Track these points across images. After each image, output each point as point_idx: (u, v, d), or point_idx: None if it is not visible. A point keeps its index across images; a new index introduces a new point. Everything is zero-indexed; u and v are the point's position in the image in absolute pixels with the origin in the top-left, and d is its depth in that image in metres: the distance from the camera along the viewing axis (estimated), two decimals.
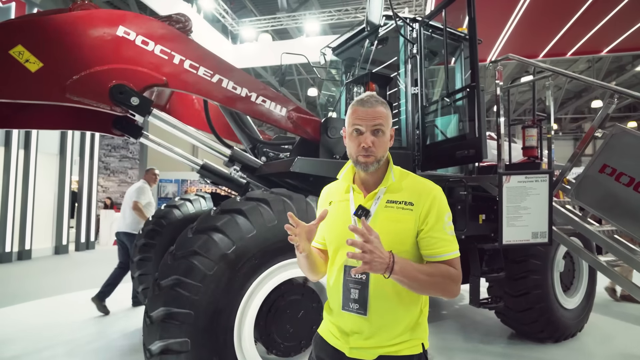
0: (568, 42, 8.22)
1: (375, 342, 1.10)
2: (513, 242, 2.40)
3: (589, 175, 2.31)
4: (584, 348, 3.49)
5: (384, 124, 1.11)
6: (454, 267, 1.08)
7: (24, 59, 2.08)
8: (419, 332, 1.13)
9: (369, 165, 1.11)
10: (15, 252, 7.66)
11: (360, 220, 1.08)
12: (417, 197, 1.11)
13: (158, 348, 1.73)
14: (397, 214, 1.10)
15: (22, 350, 3.30)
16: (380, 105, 1.12)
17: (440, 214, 1.09)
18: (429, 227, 1.08)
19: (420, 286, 1.04)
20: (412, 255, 1.11)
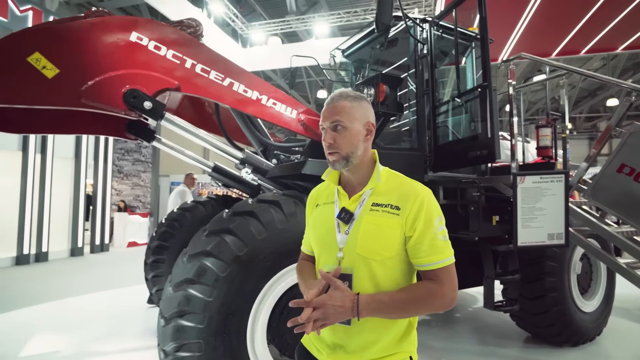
0: (582, 40, 8.06)
1: (360, 356, 1.03)
2: (528, 244, 2.35)
3: (606, 174, 2.26)
4: (603, 352, 3.40)
5: (342, 119, 1.05)
6: (443, 276, 1.01)
7: (41, 66, 2.13)
8: (406, 344, 1.06)
9: (335, 164, 1.07)
10: (33, 254, 7.83)
11: (342, 223, 1.06)
12: (404, 201, 1.03)
13: (172, 349, 1.75)
14: (382, 218, 1.03)
15: (40, 350, 3.36)
16: (342, 100, 1.07)
17: (430, 219, 1.02)
18: (418, 234, 1.01)
19: (400, 315, 1.01)
20: (401, 262, 1.05)
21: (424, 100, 3.46)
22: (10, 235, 7.49)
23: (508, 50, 8.23)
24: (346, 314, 0.93)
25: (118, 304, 4.90)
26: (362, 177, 1.11)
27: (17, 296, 5.24)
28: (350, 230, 1.05)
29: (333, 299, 0.93)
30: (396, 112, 2.59)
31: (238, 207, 2.10)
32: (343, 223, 1.07)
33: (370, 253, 1.02)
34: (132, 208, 11.99)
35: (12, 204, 7.53)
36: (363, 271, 1.03)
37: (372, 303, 0.95)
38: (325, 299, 0.93)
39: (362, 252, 1.03)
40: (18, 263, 7.52)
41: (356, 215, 1.06)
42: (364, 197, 1.08)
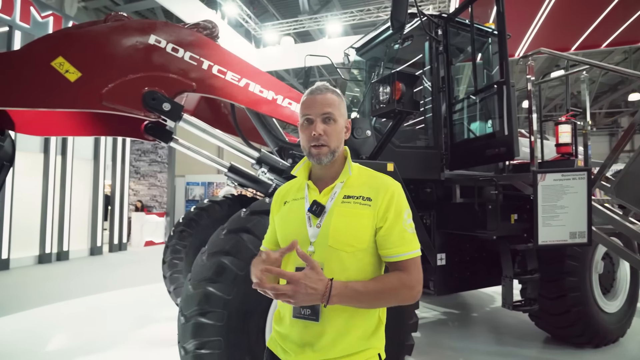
0: (603, 33, 7.82)
1: (328, 354, 1.01)
2: (549, 243, 2.31)
3: (631, 172, 2.20)
4: (627, 354, 3.31)
5: (334, 112, 1.06)
6: (411, 268, 1.02)
7: (64, 70, 2.19)
8: (374, 340, 1.06)
9: (322, 157, 1.05)
10: (54, 253, 8.06)
11: (314, 217, 1.05)
12: (376, 193, 1.06)
13: (193, 346, 1.78)
14: (354, 209, 1.04)
15: (63, 345, 3.46)
16: (330, 93, 1.08)
17: (399, 211, 1.05)
18: (388, 225, 1.03)
19: (370, 304, 1.01)
20: (371, 254, 1.06)
21: (440, 97, 3.42)
22: (33, 235, 7.72)
23: (525, 45, 8.05)
24: (316, 297, 0.91)
25: (137, 302, 5.01)
26: (336, 172, 1.11)
27: (41, 294, 5.41)
28: (322, 223, 1.05)
29: (308, 279, 0.90)
30: (412, 110, 2.57)
31: (255, 206, 2.12)
32: (314, 216, 1.06)
33: (342, 245, 1.02)
34: (149, 208, 12.21)
35: (35, 204, 7.76)
36: (334, 264, 1.02)
37: (344, 290, 0.94)
38: (301, 276, 0.90)
39: (334, 244, 1.02)
40: (40, 262, 7.76)
41: (328, 207, 1.06)
42: (336, 190, 1.08)
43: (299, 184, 1.17)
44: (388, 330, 2.24)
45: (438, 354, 3.32)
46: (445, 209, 3.44)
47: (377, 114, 2.70)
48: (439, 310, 4.65)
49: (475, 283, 3.74)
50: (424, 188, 3.65)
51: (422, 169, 3.35)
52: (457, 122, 3.40)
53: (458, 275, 3.52)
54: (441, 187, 3.54)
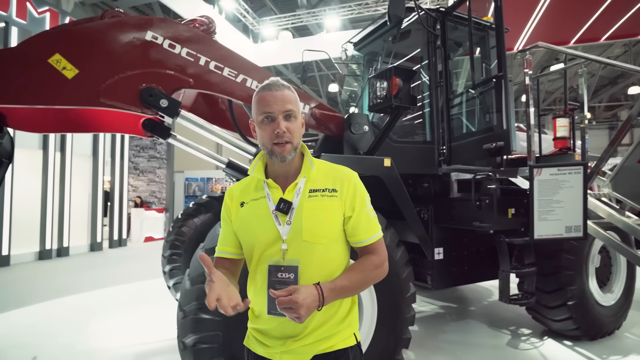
0: (602, 26, 7.79)
1: (307, 340, 1.04)
2: (545, 237, 2.32)
3: (627, 166, 2.21)
4: (622, 346, 3.35)
5: (294, 109, 1.06)
6: (379, 248, 1.11)
7: (61, 67, 2.19)
8: (349, 320, 1.11)
9: (285, 154, 1.04)
10: (55, 249, 8.09)
11: (281, 214, 1.05)
12: (340, 184, 1.09)
13: (192, 341, 1.80)
14: (322, 202, 1.07)
15: (63, 342, 3.49)
16: (287, 90, 1.08)
17: (363, 199, 1.11)
18: (357, 213, 1.09)
19: (355, 292, 1.09)
20: (340, 243, 1.11)
21: (437, 92, 3.43)
22: (33, 231, 7.75)
23: (524, 39, 8.02)
24: (314, 308, 0.94)
25: (137, 297, 5.04)
26: (296, 168, 1.11)
27: (41, 289, 5.44)
28: (292, 220, 1.05)
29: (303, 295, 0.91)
30: (409, 105, 2.57)
31: None
32: (282, 214, 1.06)
33: (317, 237, 1.05)
34: (148, 204, 12.22)
35: (34, 201, 7.77)
36: (310, 258, 1.04)
37: (334, 290, 0.99)
38: (298, 298, 0.90)
39: (308, 239, 1.04)
40: (41, 258, 7.79)
41: (295, 204, 1.06)
42: (300, 186, 1.08)
43: (255, 183, 1.14)
44: (386, 325, 2.28)
45: (435, 347, 3.35)
46: (443, 203, 3.46)
47: (374, 109, 2.71)
48: (437, 304, 4.68)
49: (473, 277, 3.77)
50: (421, 183, 3.67)
51: (419, 164, 3.36)
52: (455, 117, 3.41)
53: (455, 269, 3.55)
54: (439, 182, 3.55)
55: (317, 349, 1.05)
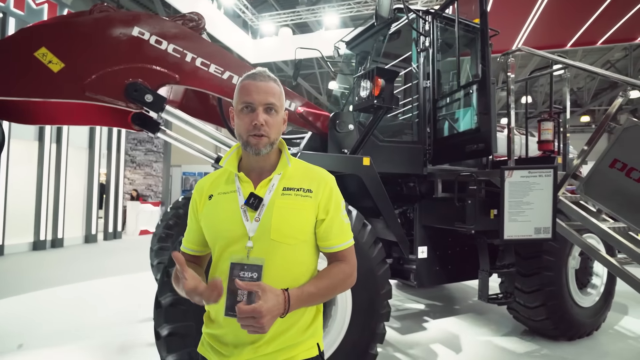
0: (598, 30, 7.82)
1: (266, 349, 0.98)
2: (515, 237, 2.37)
3: (599, 170, 2.25)
4: (599, 347, 3.41)
5: (277, 103, 1.01)
6: (349, 256, 1.08)
7: (47, 60, 2.23)
8: (313, 330, 1.05)
9: (260, 147, 0.99)
10: (49, 240, 8.15)
11: (250, 210, 1.00)
12: (316, 185, 1.05)
13: (166, 331, 1.85)
14: (295, 201, 1.02)
15: (55, 330, 3.55)
16: (273, 82, 1.03)
17: (338, 203, 1.07)
18: (330, 217, 1.05)
19: (323, 300, 1.04)
20: (309, 245, 1.06)
21: (425, 93, 3.46)
22: (28, 222, 7.80)
23: (521, 40, 8.05)
24: (278, 315, 0.90)
25: (129, 288, 5.10)
26: (271, 164, 1.07)
27: (35, 279, 5.50)
28: (262, 217, 0.99)
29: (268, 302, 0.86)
30: (391, 105, 2.61)
31: None
32: (251, 210, 1.00)
33: (285, 237, 1.00)
34: (144, 197, 12.28)
35: (29, 191, 7.83)
36: (275, 258, 0.98)
37: (301, 296, 0.94)
38: (262, 307, 0.84)
39: (276, 238, 0.99)
40: (35, 248, 7.85)
41: (266, 200, 1.01)
42: (274, 182, 1.04)
43: (227, 176, 1.08)
44: (360, 320, 2.33)
45: (414, 343, 3.41)
46: (428, 203, 3.50)
47: (358, 109, 2.75)
48: (423, 302, 4.75)
49: (456, 276, 3.82)
50: (407, 182, 3.71)
51: (405, 163, 3.40)
52: (441, 118, 3.45)
53: (439, 268, 3.61)
54: (424, 182, 3.60)
55: (279, 359, 0.99)
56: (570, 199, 2.58)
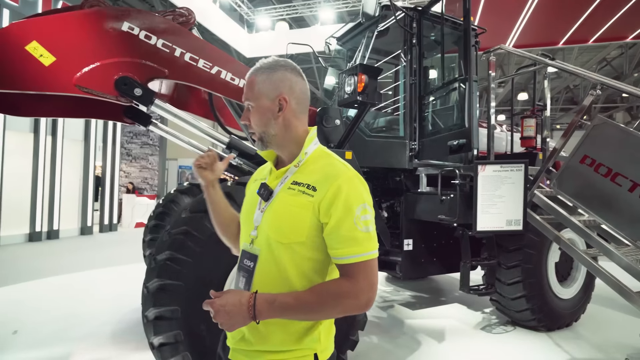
0: (590, 29, 7.90)
1: (254, 346, 0.95)
2: (487, 229, 2.47)
3: (570, 165, 2.34)
4: (576, 337, 3.53)
5: (250, 97, 0.99)
6: (357, 273, 0.89)
7: (39, 54, 2.29)
8: (308, 341, 0.95)
9: (257, 144, 1.02)
10: (45, 231, 8.21)
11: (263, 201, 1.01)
12: (322, 183, 0.92)
13: (153, 315, 1.94)
14: (296, 197, 0.94)
15: (49, 317, 3.64)
16: (253, 74, 0.99)
17: (349, 206, 0.90)
18: (335, 221, 0.90)
19: (308, 317, 0.92)
20: (311, 250, 0.94)
21: (412, 89, 3.54)
22: (23, 214, 7.86)
23: (514, 39, 8.13)
24: (244, 317, 0.85)
25: (123, 279, 5.19)
26: (292, 156, 1.02)
27: (30, 269, 5.58)
28: (265, 209, 0.98)
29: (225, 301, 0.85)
30: (375, 101, 2.69)
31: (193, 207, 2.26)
32: (263, 200, 1.01)
33: (278, 235, 0.94)
34: (140, 190, 12.34)
35: (25, 183, 7.87)
36: (268, 255, 0.95)
37: (273, 303, 0.86)
38: (216, 303, 0.85)
39: (270, 232, 0.95)
40: (31, 240, 7.91)
41: (275, 192, 0.99)
42: (287, 175, 1.00)
43: (269, 165, 1.09)
44: None
45: (399, 333, 3.53)
46: (413, 196, 3.60)
47: (342, 104, 2.83)
48: (409, 293, 4.86)
49: (442, 268, 3.93)
50: (394, 177, 3.80)
51: (391, 158, 3.49)
52: (427, 114, 3.53)
53: (424, 260, 3.71)
54: (410, 176, 3.69)
55: (266, 358, 0.95)
56: (546, 194, 2.67)
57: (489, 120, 2.90)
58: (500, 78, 4.43)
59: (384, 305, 4.37)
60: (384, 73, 4.50)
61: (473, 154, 3.81)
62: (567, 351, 3.20)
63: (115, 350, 3.03)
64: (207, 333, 2.02)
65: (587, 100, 2.36)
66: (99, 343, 3.14)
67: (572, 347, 3.29)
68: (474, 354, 3.12)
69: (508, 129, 4.55)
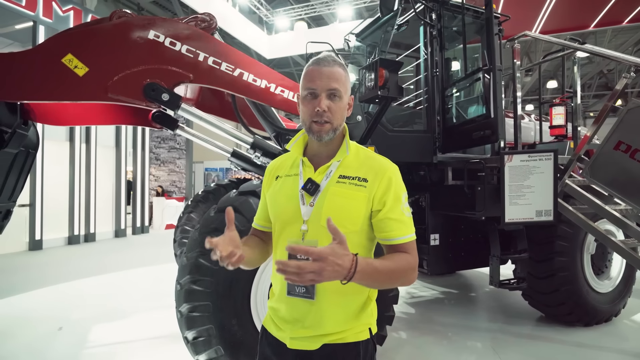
0: (624, 8, 7.46)
1: (317, 330, 1.01)
2: (516, 220, 2.40)
3: (603, 152, 2.24)
4: (618, 333, 3.38)
5: (340, 88, 1.01)
6: (410, 250, 1.01)
7: (73, 66, 2.43)
8: (365, 316, 1.05)
9: (322, 134, 1.01)
10: (82, 235, 8.65)
11: (307, 195, 1.02)
12: (373, 175, 1.02)
13: (186, 310, 2.02)
14: (348, 190, 1.01)
15: (87, 315, 3.85)
16: (337, 66, 1.02)
17: (398, 195, 1.02)
18: (388, 208, 1.00)
19: (382, 284, 0.99)
20: (363, 237, 1.03)
21: (434, 82, 3.49)
22: (62, 218, 8.31)
23: (540, 25, 7.81)
24: (342, 273, 0.84)
25: (156, 278, 5.40)
26: (333, 150, 1.07)
27: (70, 270, 5.90)
28: (315, 202, 1.01)
29: (335, 255, 0.82)
30: (396, 95, 2.67)
31: (244, 187, 2.32)
32: (308, 195, 1.03)
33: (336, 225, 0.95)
34: (169, 193, 12.75)
35: (63, 189, 8.32)
36: (326, 244, 0.92)
37: (367, 267, 0.89)
38: (329, 252, 0.82)
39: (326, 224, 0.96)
40: (70, 243, 8.36)
41: (322, 186, 1.02)
42: (331, 169, 1.04)
43: (293, 160, 1.12)
44: None
45: (428, 329, 3.49)
46: (439, 191, 3.55)
47: (363, 100, 2.83)
48: (438, 289, 4.79)
49: (469, 263, 3.85)
50: (417, 171, 3.76)
51: (415, 152, 3.45)
52: (450, 106, 3.47)
53: (452, 255, 3.65)
54: (434, 170, 3.64)
55: (327, 339, 1.01)
56: (579, 183, 2.58)
57: (515, 109, 2.81)
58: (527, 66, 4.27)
59: (412, 301, 4.33)
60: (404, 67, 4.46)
61: (499, 144, 3.74)
62: (606, 347, 3.07)
63: (152, 344, 3.16)
64: (238, 327, 2.09)
65: (620, 84, 2.26)
66: (137, 338, 3.29)
67: (612, 343, 3.15)
68: (506, 350, 3.05)
69: (537, 118, 4.40)
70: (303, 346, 1.02)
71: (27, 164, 3.27)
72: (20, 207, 7.17)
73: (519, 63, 2.87)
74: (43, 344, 3.18)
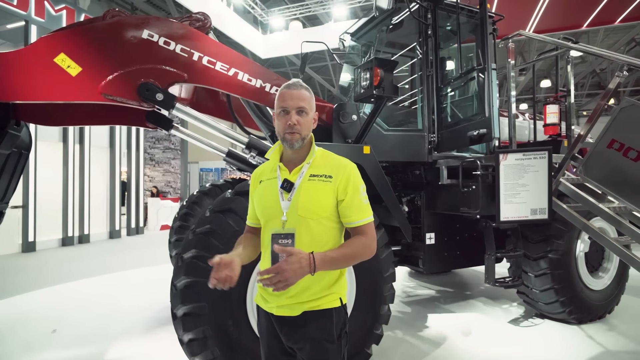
0: (616, 8, 7.54)
1: (298, 299, 1.26)
2: (511, 219, 2.41)
3: (597, 151, 2.26)
4: (609, 329, 3.41)
5: (306, 106, 1.28)
6: (367, 231, 1.29)
7: (66, 65, 2.40)
8: (336, 287, 1.31)
9: (294, 142, 1.27)
10: (76, 236, 8.57)
11: (285, 192, 1.28)
12: (336, 172, 1.29)
13: (181, 312, 2.01)
14: (318, 185, 1.28)
15: (84, 317, 3.81)
16: (304, 90, 1.30)
17: (356, 187, 1.30)
18: (349, 198, 1.28)
19: (344, 266, 1.28)
20: (332, 221, 1.30)
21: (428, 81, 3.50)
22: (56, 220, 8.22)
23: (534, 24, 7.86)
24: (305, 271, 1.12)
25: (151, 279, 5.37)
26: (303, 155, 1.34)
27: (64, 272, 5.84)
28: (292, 197, 1.28)
29: (290, 264, 1.10)
30: (391, 95, 2.67)
31: (239, 187, 2.32)
32: (285, 192, 1.29)
33: (309, 214, 1.26)
34: (164, 193, 12.67)
35: (56, 191, 8.23)
36: (303, 229, 1.26)
37: (325, 259, 1.17)
38: (283, 265, 1.10)
39: (302, 214, 1.26)
40: (64, 244, 8.28)
41: (296, 184, 1.29)
42: (303, 170, 1.31)
43: (272, 166, 1.37)
44: (365, 301, 2.44)
45: (424, 328, 3.50)
46: (434, 190, 3.56)
47: (358, 99, 2.82)
48: (434, 288, 4.81)
49: (465, 262, 3.87)
50: (413, 170, 3.77)
51: (410, 151, 3.46)
52: (445, 106, 3.48)
53: (447, 253, 3.66)
54: (430, 169, 3.65)
55: (306, 307, 1.26)
56: (573, 182, 2.59)
57: (509, 108, 2.83)
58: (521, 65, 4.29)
59: (408, 300, 4.34)
60: (399, 66, 4.47)
61: (494, 143, 3.76)
62: (600, 344, 3.10)
63: (147, 347, 3.14)
64: (234, 328, 2.08)
65: (612, 83, 2.27)
66: (132, 340, 3.27)
67: (605, 340, 3.18)
68: (501, 347, 3.07)
69: (531, 117, 4.43)
70: (287, 312, 1.27)
71: (20, 165, 3.23)
72: (13, 208, 7.09)
73: (513, 62, 2.88)
74: (37, 346, 3.15)
